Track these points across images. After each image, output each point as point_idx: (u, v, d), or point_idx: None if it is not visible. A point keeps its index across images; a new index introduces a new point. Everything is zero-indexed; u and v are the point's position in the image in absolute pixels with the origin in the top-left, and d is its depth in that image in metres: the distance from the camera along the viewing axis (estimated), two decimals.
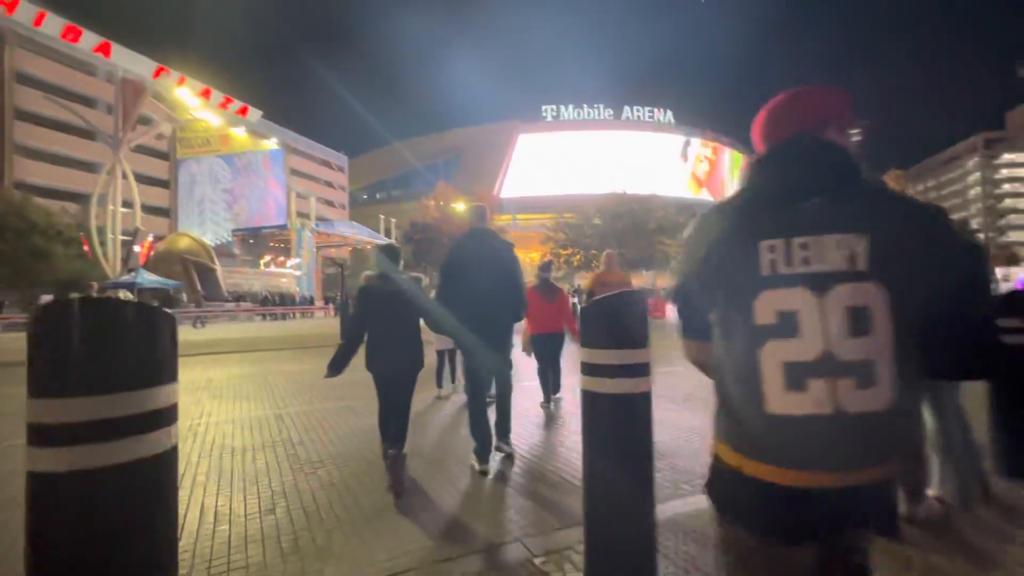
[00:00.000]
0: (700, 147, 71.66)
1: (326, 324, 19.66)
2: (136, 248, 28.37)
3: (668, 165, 67.68)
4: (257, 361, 9.03)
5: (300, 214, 44.49)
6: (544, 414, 4.70)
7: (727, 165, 74.44)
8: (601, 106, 68.79)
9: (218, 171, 47.61)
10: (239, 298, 29.73)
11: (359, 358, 3.02)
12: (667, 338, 11.85)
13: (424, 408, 4.94)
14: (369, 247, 44.77)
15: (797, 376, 0.83)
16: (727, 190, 74.69)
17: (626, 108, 69.46)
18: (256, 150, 48.00)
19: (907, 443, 0.88)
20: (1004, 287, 9.06)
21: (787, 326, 0.84)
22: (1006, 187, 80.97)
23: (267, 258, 45.48)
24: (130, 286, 23.86)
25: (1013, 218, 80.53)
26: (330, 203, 56.69)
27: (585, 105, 68.37)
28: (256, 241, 46.04)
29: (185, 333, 15.69)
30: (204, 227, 45.82)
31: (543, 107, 67.70)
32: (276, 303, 28.22)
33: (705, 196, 71.29)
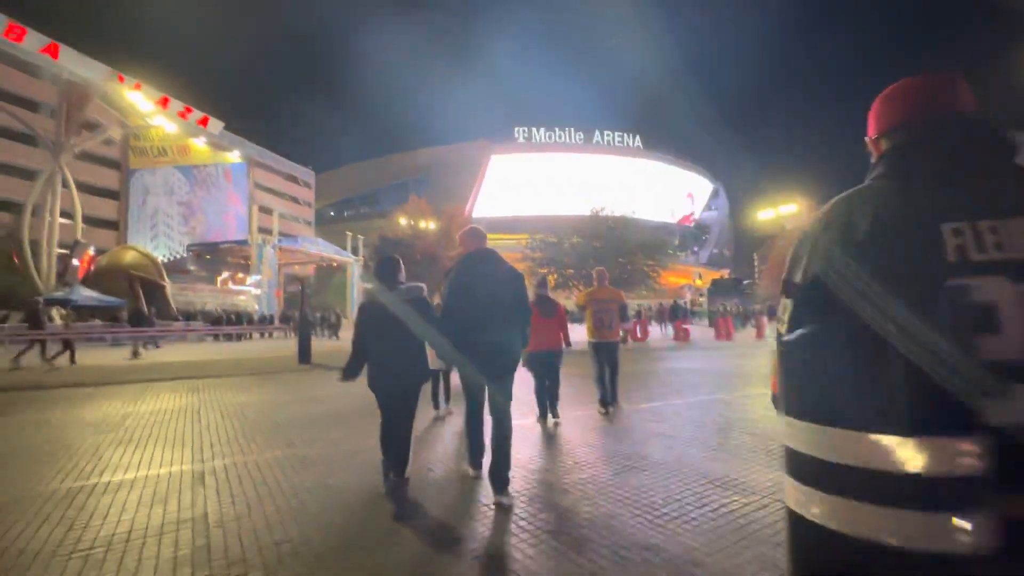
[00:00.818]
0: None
1: (284, 346, 18.03)
2: (75, 262, 25.97)
3: (637, 188, 68.62)
4: (195, 390, 7.63)
5: (263, 230, 42.35)
6: (553, 467, 3.66)
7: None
8: (572, 129, 69.49)
9: (174, 183, 45.10)
10: (190, 317, 27.45)
11: (327, 387, 2.02)
12: (660, 360, 10.86)
13: (421, 433, 4.08)
14: (335, 264, 42.91)
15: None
16: (693, 214, 76.34)
17: (596, 132, 70.38)
18: (217, 162, 45.80)
19: None
20: None
21: (983, 320, 0.72)
22: None
23: (225, 274, 42.96)
24: (63, 302, 21.66)
25: None
26: (296, 219, 54.48)
27: (556, 128, 68.91)
28: (213, 257, 43.47)
29: (114, 358, 13.94)
30: (157, 241, 43.08)
31: (516, 128, 67.79)
32: (231, 322, 26.10)
33: (673, 219, 72.59)
